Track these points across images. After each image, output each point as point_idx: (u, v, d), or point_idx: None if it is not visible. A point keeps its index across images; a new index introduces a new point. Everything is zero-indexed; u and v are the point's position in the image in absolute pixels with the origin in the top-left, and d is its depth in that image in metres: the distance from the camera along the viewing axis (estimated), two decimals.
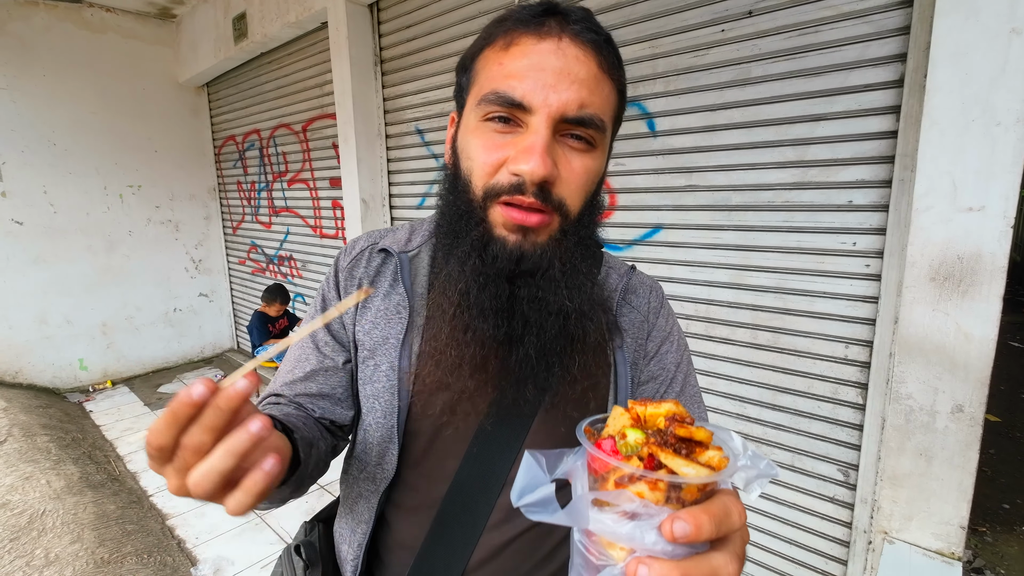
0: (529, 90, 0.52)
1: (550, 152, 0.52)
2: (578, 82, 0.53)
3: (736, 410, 1.84)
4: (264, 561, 2.22)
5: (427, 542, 0.63)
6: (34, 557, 2.09)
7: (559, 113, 0.52)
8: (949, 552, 1.33)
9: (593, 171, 0.57)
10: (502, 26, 0.56)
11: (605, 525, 0.34)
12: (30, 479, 2.62)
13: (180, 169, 4.77)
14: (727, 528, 0.33)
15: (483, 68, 0.56)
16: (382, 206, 3.10)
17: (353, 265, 0.69)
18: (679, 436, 0.36)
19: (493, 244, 0.55)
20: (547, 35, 0.53)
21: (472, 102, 0.57)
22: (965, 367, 1.26)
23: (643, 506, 0.33)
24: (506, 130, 0.54)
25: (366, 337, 0.65)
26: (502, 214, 0.54)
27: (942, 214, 1.26)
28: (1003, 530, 2.58)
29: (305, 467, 0.55)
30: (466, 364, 0.57)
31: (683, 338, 0.74)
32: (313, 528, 0.75)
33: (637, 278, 0.73)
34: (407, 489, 0.65)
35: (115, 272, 4.49)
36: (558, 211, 0.55)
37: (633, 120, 1.93)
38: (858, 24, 1.45)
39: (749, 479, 0.37)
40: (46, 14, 3.95)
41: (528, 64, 0.52)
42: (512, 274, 0.56)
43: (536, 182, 0.52)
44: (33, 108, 3.95)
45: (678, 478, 0.33)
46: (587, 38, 0.54)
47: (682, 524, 0.31)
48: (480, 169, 0.55)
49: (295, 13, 3.14)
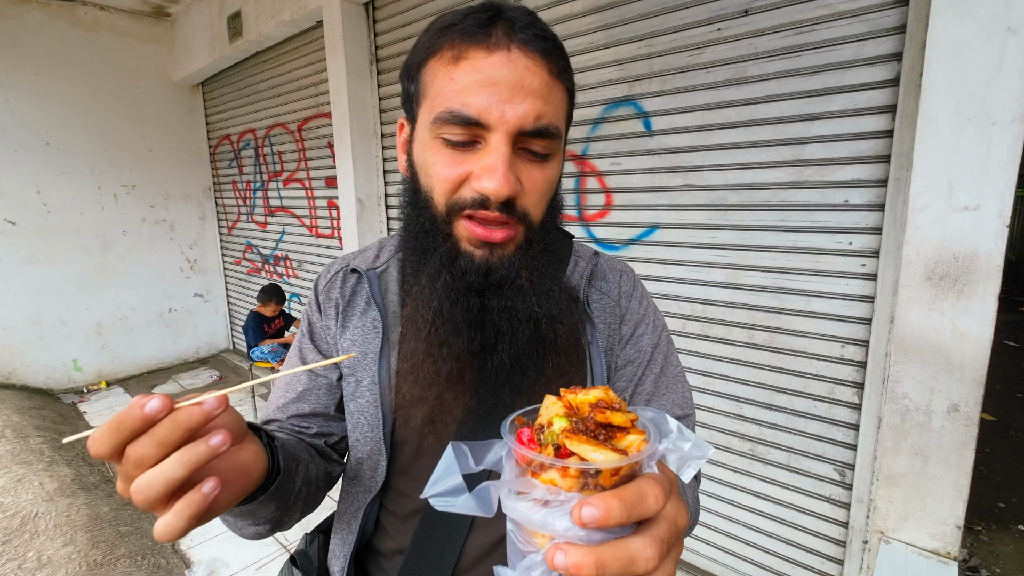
0: (484, 107, 0.51)
1: (512, 169, 0.52)
2: (532, 93, 0.52)
3: (733, 410, 1.84)
4: (258, 564, 2.21)
5: (413, 546, 0.64)
6: (26, 560, 2.07)
7: (516, 127, 0.52)
8: (945, 551, 1.33)
9: (551, 179, 0.58)
10: (446, 36, 0.54)
11: (520, 512, 0.34)
12: (23, 481, 2.60)
13: (175, 168, 4.75)
14: (641, 512, 0.32)
15: (432, 81, 0.55)
16: (378, 205, 3.09)
17: (329, 286, 0.71)
18: (598, 422, 0.36)
19: (460, 259, 0.56)
20: (496, 47, 0.52)
21: (425, 117, 0.56)
22: (961, 366, 1.26)
23: (552, 493, 0.33)
24: (464, 147, 0.54)
25: None
26: (467, 228, 0.55)
27: (938, 213, 1.25)
28: (998, 529, 2.58)
29: (288, 481, 0.54)
30: (443, 378, 0.58)
31: (660, 319, 0.73)
32: (313, 539, 0.76)
33: (605, 263, 0.73)
34: (399, 496, 0.66)
35: (109, 272, 4.46)
36: (522, 221, 0.56)
37: (629, 119, 1.92)
38: (854, 23, 1.44)
39: (678, 462, 0.37)
40: (39, 12, 3.93)
41: (480, 79, 0.51)
42: (481, 287, 0.56)
43: (501, 200, 0.52)
44: (26, 107, 3.92)
45: (586, 464, 0.33)
46: (536, 46, 0.53)
47: (590, 509, 0.31)
48: (441, 186, 0.55)
49: (290, 12, 3.13)
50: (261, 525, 0.57)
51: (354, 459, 0.67)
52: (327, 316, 0.69)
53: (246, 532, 0.59)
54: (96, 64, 4.21)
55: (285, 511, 0.57)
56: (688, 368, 1.91)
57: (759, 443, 1.79)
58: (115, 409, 3.87)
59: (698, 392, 1.90)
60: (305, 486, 0.60)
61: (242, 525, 0.56)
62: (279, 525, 0.59)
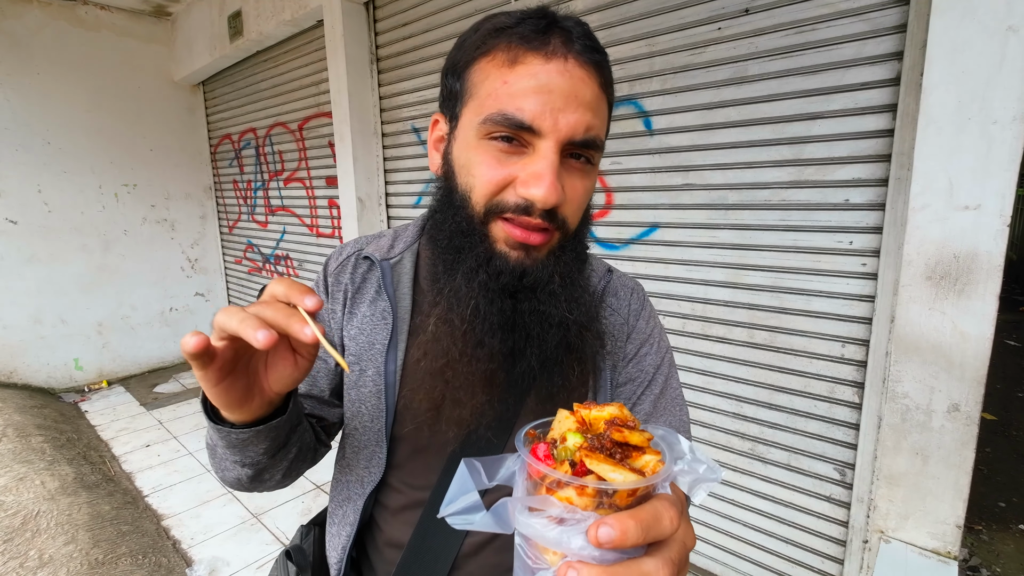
0: (538, 113, 0.51)
1: (559, 177, 0.53)
2: (584, 105, 0.53)
3: (733, 409, 1.84)
4: (260, 562, 2.21)
5: (413, 540, 0.64)
6: (28, 558, 2.07)
7: (568, 137, 0.52)
8: (945, 551, 1.33)
9: (590, 190, 0.59)
10: (502, 37, 0.54)
11: (535, 529, 0.34)
12: (24, 480, 2.60)
13: (176, 168, 4.75)
14: (656, 534, 0.32)
15: (482, 81, 0.55)
16: (378, 205, 3.09)
17: (340, 270, 0.70)
18: (615, 440, 0.36)
19: (496, 259, 0.56)
20: (553, 55, 0.52)
21: (472, 117, 0.55)
22: (961, 366, 1.26)
23: (568, 511, 0.33)
24: (511, 150, 0.54)
25: (352, 343, 0.67)
26: (504, 230, 0.55)
27: (938, 213, 1.25)
28: (999, 528, 2.58)
29: (295, 421, 0.56)
30: (478, 378, 0.58)
31: (665, 340, 0.73)
32: (308, 532, 0.76)
33: (618, 280, 0.73)
34: (394, 491, 0.66)
35: (110, 271, 4.46)
36: (560, 229, 0.56)
37: (629, 118, 1.92)
38: (855, 22, 1.44)
39: (691, 484, 0.37)
40: (40, 12, 3.93)
41: (536, 85, 0.52)
42: (514, 289, 0.56)
43: (548, 208, 0.53)
44: (27, 106, 3.92)
45: (604, 484, 0.33)
46: (591, 58, 0.54)
47: (607, 529, 0.31)
48: (484, 187, 0.55)
49: (290, 11, 3.13)
50: (247, 467, 0.57)
51: (350, 448, 0.67)
52: (334, 300, 0.69)
53: (228, 474, 0.59)
54: (97, 64, 4.21)
55: (273, 459, 0.57)
56: (688, 368, 1.91)
57: (759, 442, 1.79)
58: (116, 409, 3.88)
59: (698, 392, 1.90)
60: (297, 445, 0.61)
61: (230, 463, 0.57)
62: (260, 475, 0.59)
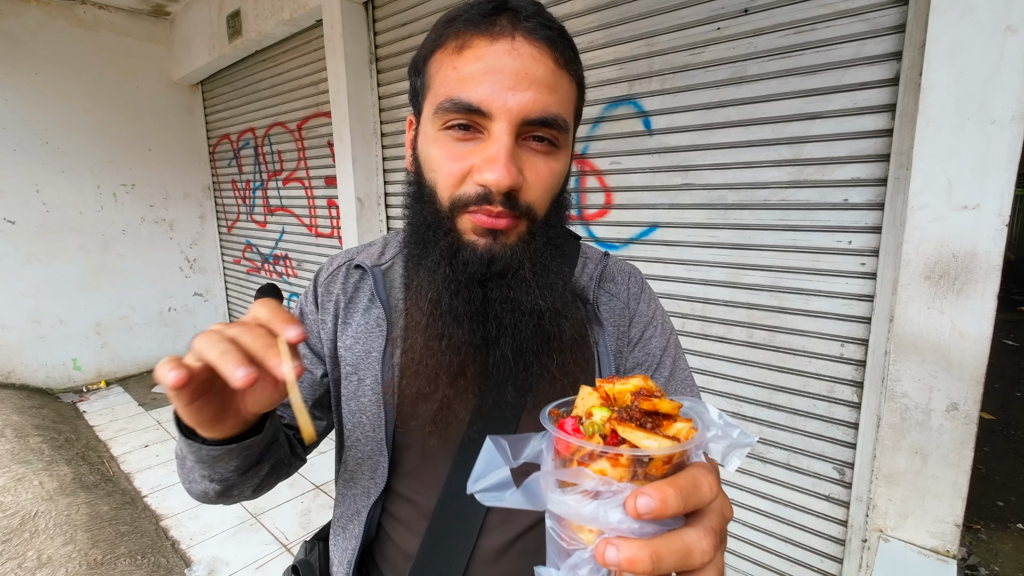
0: (487, 95, 0.50)
1: (514, 160, 0.51)
2: (537, 82, 0.51)
3: (732, 408, 1.84)
4: (259, 562, 2.21)
5: (423, 550, 0.62)
6: (26, 559, 2.07)
7: (520, 117, 0.51)
8: (944, 550, 1.33)
9: (558, 172, 0.56)
10: (452, 27, 0.54)
11: (568, 506, 0.32)
12: (22, 480, 2.60)
13: (174, 168, 4.74)
14: (696, 501, 0.31)
15: (436, 72, 0.55)
16: (377, 205, 3.09)
17: (330, 280, 0.69)
18: (644, 410, 0.34)
19: (463, 250, 0.55)
20: (500, 35, 0.51)
21: (429, 109, 0.55)
22: (960, 365, 1.26)
23: (604, 483, 0.31)
24: (467, 137, 0.53)
25: (348, 352, 0.65)
26: (470, 220, 0.54)
27: (937, 212, 1.25)
28: (997, 527, 2.59)
29: (265, 440, 0.55)
30: (443, 372, 0.56)
31: (668, 321, 0.72)
32: (313, 548, 0.75)
33: (614, 265, 0.72)
34: (401, 500, 0.65)
35: (109, 271, 4.45)
36: (526, 216, 0.55)
37: (629, 118, 1.92)
38: (854, 22, 1.44)
39: (725, 450, 0.35)
40: (38, 11, 3.92)
41: (483, 67, 0.51)
42: (484, 277, 0.55)
43: (502, 192, 0.51)
44: (25, 106, 3.91)
45: (639, 451, 0.31)
46: (541, 35, 0.52)
47: (646, 499, 0.29)
48: (444, 180, 0.54)
49: (289, 11, 3.12)
50: (216, 483, 0.56)
51: (353, 460, 0.66)
52: (324, 311, 0.68)
53: (195, 487, 0.58)
54: (95, 63, 4.20)
55: (243, 476, 0.57)
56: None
57: (759, 442, 1.80)
58: (115, 408, 3.87)
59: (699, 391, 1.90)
60: (271, 462, 0.60)
61: (199, 476, 0.55)
62: (228, 491, 0.58)
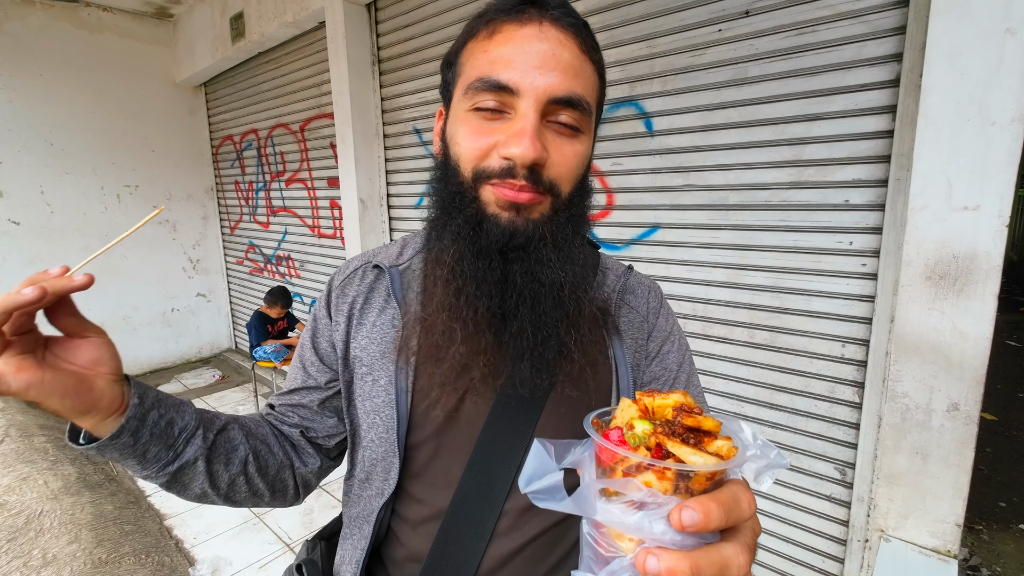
0: (515, 74, 0.52)
1: (539, 136, 0.53)
2: (563, 64, 0.53)
3: (734, 409, 1.84)
4: (262, 561, 2.22)
5: (433, 553, 0.61)
6: (31, 557, 2.08)
7: (546, 95, 0.52)
8: (945, 550, 1.34)
9: (582, 155, 0.58)
10: (483, 18, 0.57)
11: (613, 515, 0.33)
12: (27, 479, 2.61)
13: (177, 169, 4.76)
14: (737, 517, 0.32)
15: (468, 59, 0.57)
16: (380, 206, 3.10)
17: (346, 284, 0.70)
18: (687, 426, 0.36)
19: (486, 222, 0.55)
20: (528, 21, 0.54)
21: (459, 92, 0.57)
22: (961, 366, 1.27)
23: (651, 495, 0.32)
24: (495, 117, 0.55)
25: (363, 353, 0.66)
26: (493, 193, 0.55)
27: (937, 213, 1.26)
28: (999, 528, 2.59)
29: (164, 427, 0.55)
30: (458, 331, 0.56)
31: (683, 337, 0.73)
32: (315, 547, 0.75)
33: (635, 278, 0.73)
34: (412, 502, 0.65)
35: (112, 272, 4.47)
36: (549, 192, 0.56)
37: (630, 120, 1.93)
38: (854, 24, 1.45)
39: (760, 469, 0.36)
40: (43, 13, 3.94)
41: (512, 49, 0.53)
42: (505, 248, 0.56)
43: (527, 165, 0.52)
44: (30, 108, 3.94)
45: (686, 466, 0.32)
46: (567, 22, 0.55)
47: (691, 512, 0.30)
48: (469, 153, 0.55)
49: (292, 13, 3.14)
50: (150, 469, 0.55)
51: (367, 461, 0.66)
52: (337, 313, 0.68)
53: (136, 475, 0.59)
54: (99, 65, 4.22)
55: (177, 475, 0.57)
56: None
57: None
58: None
59: None
60: (223, 461, 0.60)
61: (132, 463, 0.55)
62: (178, 477, 0.57)
